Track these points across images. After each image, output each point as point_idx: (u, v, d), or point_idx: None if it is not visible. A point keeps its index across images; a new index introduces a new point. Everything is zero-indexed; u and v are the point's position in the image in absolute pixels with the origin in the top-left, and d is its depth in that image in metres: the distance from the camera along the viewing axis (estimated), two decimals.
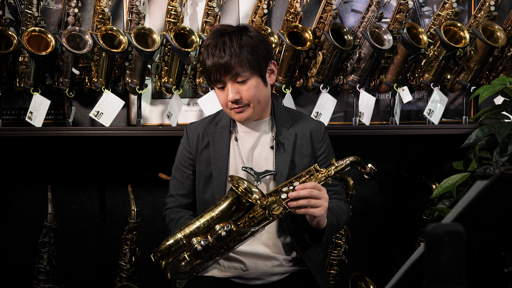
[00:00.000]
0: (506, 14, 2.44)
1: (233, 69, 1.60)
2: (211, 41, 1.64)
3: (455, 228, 0.70)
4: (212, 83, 1.68)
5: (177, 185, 1.82)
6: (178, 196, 1.82)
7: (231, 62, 1.60)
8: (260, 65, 1.64)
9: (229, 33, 1.63)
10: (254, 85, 1.64)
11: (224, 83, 1.64)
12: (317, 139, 1.79)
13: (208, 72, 1.65)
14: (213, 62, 1.61)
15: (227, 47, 1.60)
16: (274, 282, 1.71)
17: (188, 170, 1.80)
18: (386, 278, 2.67)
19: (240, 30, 1.65)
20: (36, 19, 2.30)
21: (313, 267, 1.74)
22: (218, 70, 1.61)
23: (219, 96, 1.69)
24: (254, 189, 1.56)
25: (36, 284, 2.33)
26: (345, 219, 1.74)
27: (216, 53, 1.61)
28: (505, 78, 2.12)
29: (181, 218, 1.74)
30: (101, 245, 2.59)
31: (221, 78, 1.63)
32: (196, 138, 1.80)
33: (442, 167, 2.65)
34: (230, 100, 1.64)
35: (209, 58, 1.63)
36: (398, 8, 2.36)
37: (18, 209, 2.54)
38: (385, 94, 2.57)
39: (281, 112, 1.80)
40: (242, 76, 1.62)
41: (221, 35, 1.64)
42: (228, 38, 1.62)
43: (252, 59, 1.61)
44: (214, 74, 1.63)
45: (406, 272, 0.89)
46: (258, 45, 1.64)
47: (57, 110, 2.48)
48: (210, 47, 1.63)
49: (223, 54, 1.60)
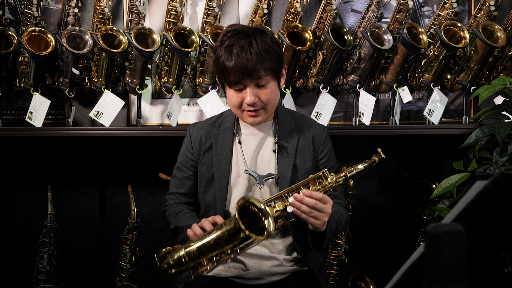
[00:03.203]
0: (506, 14, 2.44)
1: (258, 73, 1.58)
2: (234, 41, 1.58)
3: (455, 228, 0.71)
4: (229, 84, 1.63)
5: (177, 183, 1.83)
6: (178, 195, 1.83)
7: (257, 66, 1.57)
8: (279, 69, 1.65)
9: (253, 35, 1.59)
10: (272, 89, 1.64)
11: (243, 86, 1.62)
12: (319, 143, 1.78)
13: (227, 73, 1.60)
14: (236, 64, 1.57)
15: (254, 50, 1.56)
16: (275, 282, 1.71)
17: (189, 170, 1.81)
18: (386, 278, 2.67)
19: (261, 32, 1.62)
20: (36, 19, 2.30)
21: (315, 269, 1.75)
22: (241, 72, 1.57)
23: (232, 97, 1.65)
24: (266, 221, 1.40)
25: (36, 284, 2.33)
26: (343, 224, 1.74)
27: (242, 55, 1.56)
28: (505, 78, 2.12)
29: (181, 212, 1.75)
30: (101, 245, 2.59)
31: (242, 80, 1.60)
32: (199, 140, 1.79)
33: (442, 167, 2.65)
34: (248, 103, 1.62)
35: (231, 59, 1.57)
36: (398, 8, 2.36)
37: (18, 209, 2.55)
38: (385, 94, 2.57)
39: (284, 115, 1.79)
40: (264, 80, 1.61)
41: (245, 36, 1.59)
42: (254, 40, 1.58)
43: (274, 64, 1.61)
44: (235, 75, 1.58)
45: (406, 272, 0.89)
46: (278, 49, 1.64)
47: (57, 110, 2.48)
48: (234, 48, 1.57)
49: (250, 57, 1.56)
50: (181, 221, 1.71)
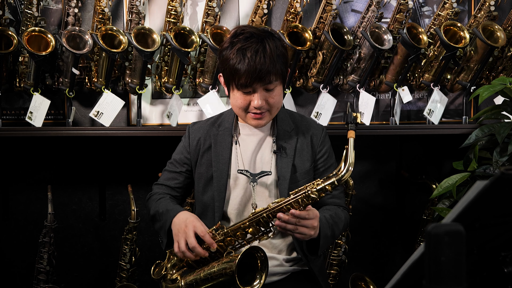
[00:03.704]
0: (506, 14, 2.44)
1: (269, 77, 1.58)
2: (248, 44, 1.57)
3: (455, 228, 0.70)
4: (238, 86, 1.62)
5: (167, 176, 1.84)
6: (165, 186, 1.83)
7: (269, 70, 1.57)
8: (287, 74, 1.68)
9: (266, 39, 1.59)
10: (279, 93, 1.65)
11: (252, 89, 1.61)
12: (317, 142, 1.79)
13: (238, 75, 1.58)
14: (250, 68, 1.56)
15: (267, 55, 1.56)
16: (275, 282, 1.71)
17: (182, 167, 1.82)
18: (386, 278, 2.66)
19: (272, 35, 1.63)
20: (36, 19, 2.30)
21: (316, 270, 1.75)
22: (253, 76, 1.57)
23: (238, 98, 1.64)
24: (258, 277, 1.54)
25: (36, 284, 2.33)
26: (341, 227, 1.73)
27: (257, 59, 1.55)
28: (505, 78, 2.12)
29: (162, 199, 1.76)
30: (101, 245, 2.59)
31: (252, 84, 1.59)
32: (197, 141, 1.80)
33: (442, 167, 2.65)
34: (256, 106, 1.62)
35: (243, 62, 1.56)
36: (398, 8, 2.36)
37: (18, 209, 2.54)
38: (385, 94, 2.57)
39: (283, 115, 1.79)
40: (273, 85, 1.62)
41: (259, 40, 1.58)
42: (268, 44, 1.58)
43: (283, 69, 1.63)
44: (246, 79, 1.58)
45: (406, 272, 0.89)
46: (286, 53, 1.66)
47: (57, 110, 2.48)
48: (248, 51, 1.56)
49: (263, 61, 1.55)
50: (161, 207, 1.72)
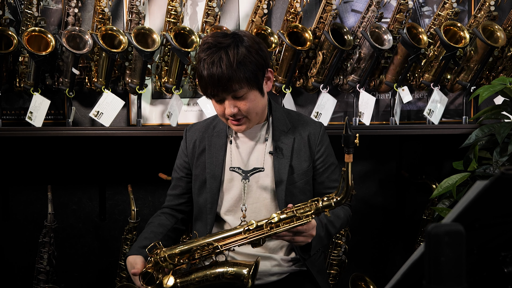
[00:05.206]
0: (506, 14, 2.44)
1: (231, 86, 1.56)
2: (207, 57, 1.56)
3: (455, 228, 0.70)
4: (208, 96, 1.64)
5: (172, 185, 1.88)
6: (170, 196, 1.88)
7: (228, 80, 1.55)
8: (257, 78, 1.60)
9: (225, 48, 1.56)
10: (252, 99, 1.61)
11: (221, 97, 1.61)
12: (315, 142, 1.76)
13: (204, 86, 1.61)
14: (210, 78, 1.56)
15: (224, 64, 1.54)
16: (273, 282, 1.71)
17: (182, 172, 1.83)
18: (386, 278, 2.66)
19: (235, 42, 1.57)
20: (36, 19, 2.30)
21: (315, 270, 1.74)
22: (215, 86, 1.56)
23: (215, 106, 1.66)
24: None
25: (36, 284, 2.33)
26: (339, 225, 1.73)
27: (214, 69, 1.54)
28: (505, 78, 2.12)
29: (149, 224, 1.82)
30: (101, 245, 2.59)
31: (218, 93, 1.59)
32: (193, 144, 1.80)
33: (442, 167, 2.65)
34: (228, 114, 1.61)
35: (204, 73, 1.57)
36: (398, 8, 2.35)
37: (18, 209, 2.54)
38: (385, 94, 2.57)
39: (279, 115, 1.77)
40: (240, 92, 1.58)
41: (217, 50, 1.56)
42: (225, 53, 1.55)
43: (249, 75, 1.57)
44: (211, 89, 1.58)
45: (406, 272, 0.89)
46: (254, 57, 1.58)
47: (57, 110, 2.48)
48: (206, 62, 1.56)
49: (220, 71, 1.54)
50: (137, 241, 1.79)
